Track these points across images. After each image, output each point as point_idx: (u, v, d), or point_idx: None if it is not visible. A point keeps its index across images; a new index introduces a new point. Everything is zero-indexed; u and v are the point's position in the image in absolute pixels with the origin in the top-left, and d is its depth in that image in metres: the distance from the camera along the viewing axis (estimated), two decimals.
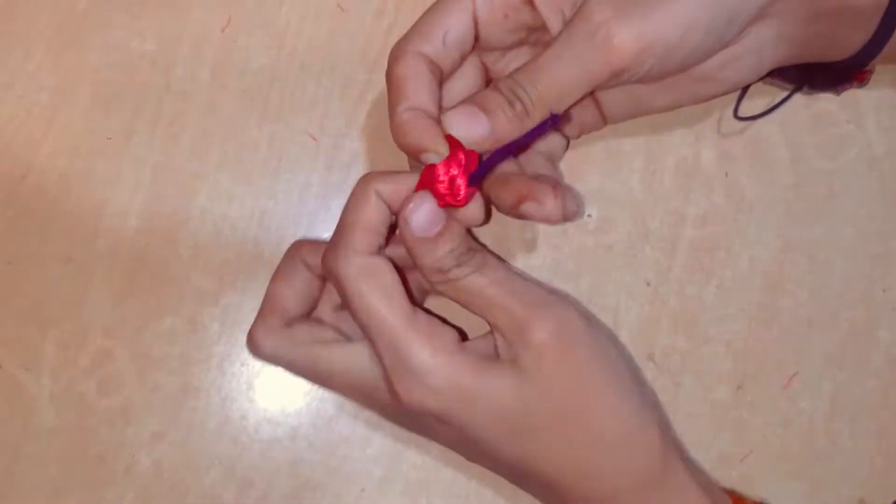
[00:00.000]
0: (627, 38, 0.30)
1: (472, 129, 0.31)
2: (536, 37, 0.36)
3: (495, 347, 0.33)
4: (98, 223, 0.39)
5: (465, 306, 0.33)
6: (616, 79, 0.32)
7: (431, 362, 0.31)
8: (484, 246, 0.39)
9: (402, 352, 0.31)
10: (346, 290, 0.32)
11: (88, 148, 0.40)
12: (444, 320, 0.34)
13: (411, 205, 0.32)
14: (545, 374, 0.32)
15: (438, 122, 0.32)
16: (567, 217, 0.33)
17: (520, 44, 0.36)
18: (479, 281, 0.32)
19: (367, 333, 0.32)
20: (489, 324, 0.33)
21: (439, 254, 0.32)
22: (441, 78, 0.34)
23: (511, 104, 0.31)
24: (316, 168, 0.40)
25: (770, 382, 0.40)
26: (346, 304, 0.33)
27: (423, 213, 0.32)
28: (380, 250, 0.33)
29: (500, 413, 0.32)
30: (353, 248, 0.32)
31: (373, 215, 0.32)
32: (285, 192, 0.40)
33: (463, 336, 0.34)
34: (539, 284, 0.34)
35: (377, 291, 0.31)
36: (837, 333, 0.40)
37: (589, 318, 0.34)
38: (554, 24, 0.34)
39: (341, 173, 0.40)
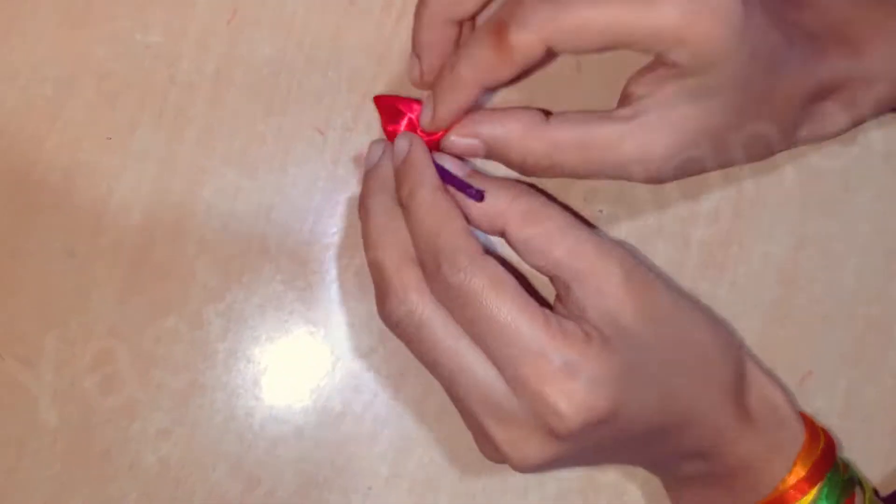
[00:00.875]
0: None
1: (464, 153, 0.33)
2: None
3: (583, 313, 0.31)
4: (102, 217, 0.39)
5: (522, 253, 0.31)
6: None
7: (583, 359, 0.29)
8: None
9: (550, 359, 0.29)
10: (473, 308, 0.29)
11: (93, 141, 0.39)
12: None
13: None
14: (637, 319, 0.31)
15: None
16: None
17: None
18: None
19: (503, 349, 0.29)
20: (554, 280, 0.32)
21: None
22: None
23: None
24: (323, 162, 0.40)
25: (784, 380, 0.39)
26: (472, 321, 0.30)
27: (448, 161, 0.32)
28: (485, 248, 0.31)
29: (648, 382, 0.31)
30: (471, 257, 0.29)
31: (464, 221, 0.31)
32: (292, 187, 0.39)
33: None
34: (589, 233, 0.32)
35: (509, 299, 0.29)
36: (852, 331, 0.40)
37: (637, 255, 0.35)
38: None
39: (348, 168, 0.40)
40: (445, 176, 0.32)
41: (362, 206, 0.34)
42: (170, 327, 0.39)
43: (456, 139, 0.32)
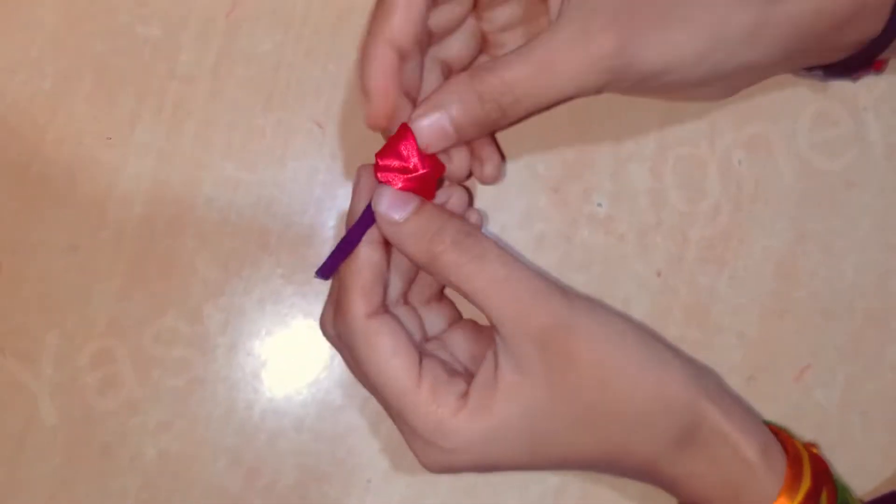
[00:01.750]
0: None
1: (438, 141, 0.32)
2: None
3: (495, 358, 0.32)
4: (103, 212, 0.39)
5: (467, 297, 0.32)
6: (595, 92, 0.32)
7: (440, 428, 0.31)
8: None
9: (411, 420, 0.31)
10: (353, 358, 0.33)
11: (92, 135, 0.39)
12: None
13: (374, 197, 0.32)
14: (550, 374, 0.31)
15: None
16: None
17: None
18: (472, 269, 0.31)
19: (377, 399, 0.33)
20: (487, 318, 0.32)
21: (419, 234, 0.31)
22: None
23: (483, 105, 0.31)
24: (322, 156, 0.40)
25: (782, 374, 0.39)
26: (356, 366, 0.33)
27: (385, 198, 0.31)
28: (383, 303, 0.33)
29: (521, 437, 0.31)
30: (353, 315, 0.32)
31: (366, 273, 0.32)
32: (291, 180, 0.39)
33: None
34: (537, 275, 0.32)
35: (377, 356, 0.31)
36: (851, 325, 0.39)
37: (587, 300, 0.33)
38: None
39: (347, 161, 0.39)
40: (359, 225, 0.32)
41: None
42: (170, 321, 0.39)
43: (420, 121, 0.31)
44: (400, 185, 0.32)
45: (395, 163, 0.32)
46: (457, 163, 0.34)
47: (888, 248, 0.39)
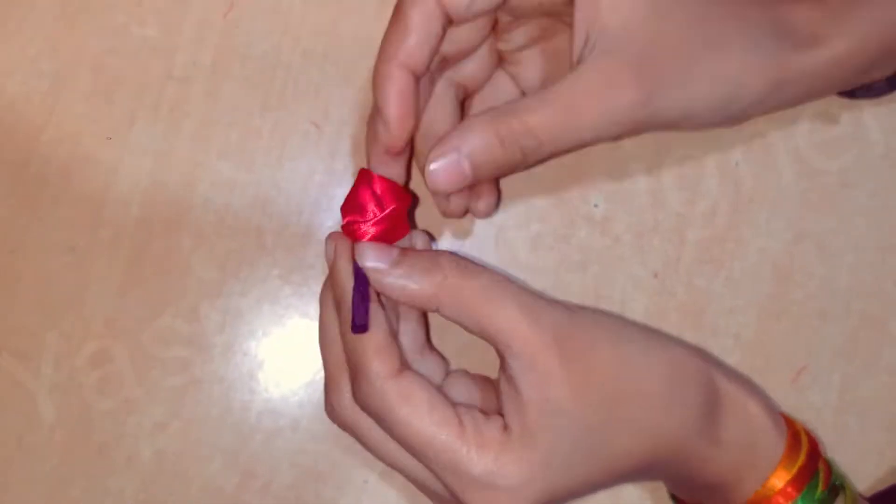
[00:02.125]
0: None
1: (453, 182, 0.31)
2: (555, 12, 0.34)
3: (512, 382, 0.31)
4: (100, 212, 0.39)
5: (471, 324, 0.31)
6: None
7: (499, 467, 0.29)
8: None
9: (467, 469, 0.29)
10: (387, 423, 0.30)
11: (90, 135, 0.39)
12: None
13: (357, 257, 0.31)
14: (571, 378, 0.30)
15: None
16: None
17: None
18: (475, 294, 0.31)
19: (421, 460, 0.30)
20: (496, 340, 0.31)
21: (415, 273, 0.31)
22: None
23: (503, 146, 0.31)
24: (319, 156, 0.40)
25: (779, 375, 0.39)
26: (390, 434, 0.31)
27: (368, 253, 0.31)
28: (403, 360, 0.31)
29: (575, 448, 0.30)
30: (379, 377, 0.30)
31: (377, 333, 0.31)
32: (288, 181, 0.39)
33: None
34: (530, 291, 0.32)
35: (415, 414, 0.30)
36: (847, 326, 0.40)
37: (579, 306, 0.34)
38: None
39: (344, 161, 0.40)
40: (359, 283, 0.31)
41: (320, 300, 0.34)
42: (167, 321, 0.39)
43: (436, 164, 0.30)
44: (372, 231, 0.32)
45: (370, 208, 0.32)
46: (455, 202, 0.34)
47: (884, 249, 0.39)
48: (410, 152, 0.34)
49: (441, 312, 0.31)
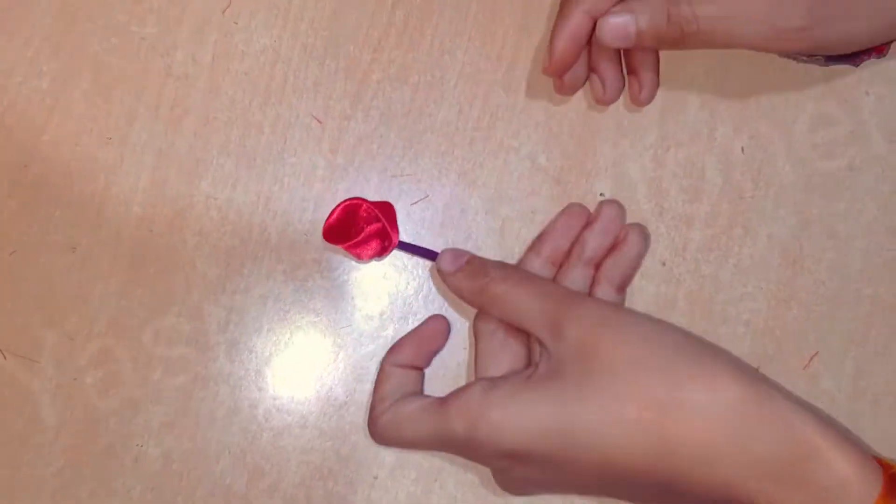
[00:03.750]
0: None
1: (617, 39, 0.35)
2: None
3: (535, 368, 0.34)
4: (102, 211, 0.39)
5: (503, 316, 0.35)
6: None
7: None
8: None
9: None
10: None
11: (90, 134, 0.39)
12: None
13: (438, 260, 0.37)
14: (582, 376, 0.32)
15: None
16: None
17: None
18: (515, 290, 0.35)
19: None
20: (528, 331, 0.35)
21: (469, 276, 0.36)
22: None
23: None
24: (321, 151, 0.39)
25: (790, 363, 0.39)
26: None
27: (445, 256, 0.37)
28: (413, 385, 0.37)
29: (549, 417, 0.32)
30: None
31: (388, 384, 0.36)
32: (291, 176, 0.39)
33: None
34: (566, 287, 0.36)
35: (408, 430, 0.34)
36: (859, 312, 0.39)
37: (615, 306, 0.36)
38: None
39: (347, 156, 0.39)
40: (406, 247, 0.38)
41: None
42: (171, 320, 0.38)
43: (611, 18, 0.34)
44: (373, 249, 0.38)
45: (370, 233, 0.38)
46: (610, 83, 0.37)
47: (895, 233, 0.39)
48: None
49: (485, 307, 0.36)
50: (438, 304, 0.39)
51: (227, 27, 0.40)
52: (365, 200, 0.38)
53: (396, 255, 0.39)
